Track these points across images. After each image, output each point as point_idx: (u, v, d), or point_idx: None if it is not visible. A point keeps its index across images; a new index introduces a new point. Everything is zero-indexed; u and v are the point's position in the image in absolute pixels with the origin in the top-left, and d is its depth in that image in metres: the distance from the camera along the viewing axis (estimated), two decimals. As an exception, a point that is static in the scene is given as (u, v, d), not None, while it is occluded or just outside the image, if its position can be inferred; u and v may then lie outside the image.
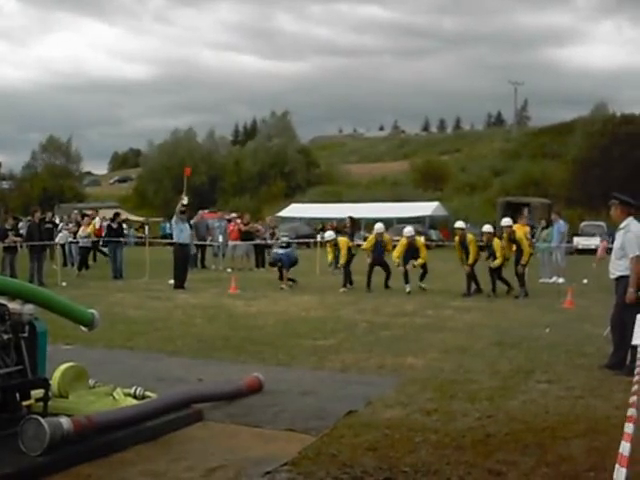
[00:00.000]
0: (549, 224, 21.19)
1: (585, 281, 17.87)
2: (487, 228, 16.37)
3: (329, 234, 17.96)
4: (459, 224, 16.87)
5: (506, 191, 50.92)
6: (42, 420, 4.65)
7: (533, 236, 21.46)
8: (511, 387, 7.05)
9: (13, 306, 5.40)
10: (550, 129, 69.66)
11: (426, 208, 47.55)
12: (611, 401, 6.43)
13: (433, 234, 41.70)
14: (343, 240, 17.37)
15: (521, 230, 20.42)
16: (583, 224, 39.10)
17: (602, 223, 36.44)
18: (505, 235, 16.16)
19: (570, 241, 26.81)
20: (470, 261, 15.90)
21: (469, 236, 16.41)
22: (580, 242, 32.01)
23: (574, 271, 19.43)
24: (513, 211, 33.19)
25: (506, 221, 16.61)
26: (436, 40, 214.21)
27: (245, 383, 6.70)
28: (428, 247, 18.53)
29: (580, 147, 53.83)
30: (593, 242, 32.50)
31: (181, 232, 17.66)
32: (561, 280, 18.89)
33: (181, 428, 5.58)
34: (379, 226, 17.35)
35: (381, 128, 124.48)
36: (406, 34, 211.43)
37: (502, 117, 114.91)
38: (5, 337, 5.28)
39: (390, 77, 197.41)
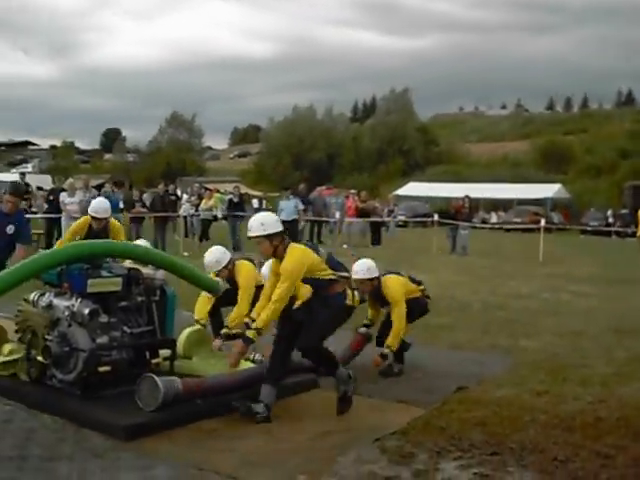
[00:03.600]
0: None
1: None
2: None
3: None
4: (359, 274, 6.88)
5: (635, 175, 48.61)
6: (157, 379, 5.01)
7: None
8: (626, 374, 6.90)
9: (146, 271, 5.86)
10: (686, 109, 65.91)
11: (547, 190, 46.14)
12: None
13: (554, 217, 40.52)
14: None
15: None
16: None
17: None
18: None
19: None
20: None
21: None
22: None
23: None
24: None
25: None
26: (563, 15, 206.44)
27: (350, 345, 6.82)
28: (549, 230, 17.74)
29: None
30: None
31: (281, 210, 18.07)
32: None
33: (298, 394, 5.90)
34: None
35: (503, 106, 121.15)
36: (531, 9, 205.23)
37: (633, 96, 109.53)
38: (139, 299, 5.75)
39: (513, 54, 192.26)
